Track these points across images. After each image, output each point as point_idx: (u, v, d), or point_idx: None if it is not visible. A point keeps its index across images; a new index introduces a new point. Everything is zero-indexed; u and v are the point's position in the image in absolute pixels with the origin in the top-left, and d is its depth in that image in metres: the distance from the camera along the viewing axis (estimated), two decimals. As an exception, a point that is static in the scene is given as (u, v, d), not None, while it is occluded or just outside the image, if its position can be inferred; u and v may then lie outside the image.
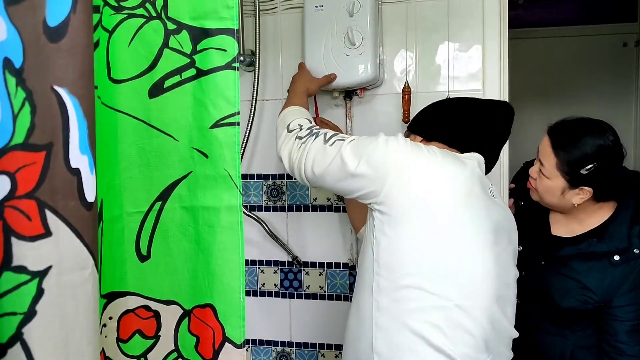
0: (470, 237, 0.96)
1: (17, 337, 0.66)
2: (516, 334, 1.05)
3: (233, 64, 0.88)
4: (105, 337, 0.96)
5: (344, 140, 1.03)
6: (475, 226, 0.97)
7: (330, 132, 1.08)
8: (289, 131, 1.13)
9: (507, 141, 1.17)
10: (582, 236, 1.22)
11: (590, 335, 1.22)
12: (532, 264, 1.27)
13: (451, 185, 0.97)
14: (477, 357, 0.95)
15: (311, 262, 1.61)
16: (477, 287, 0.96)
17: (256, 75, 1.46)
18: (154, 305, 0.99)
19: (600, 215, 1.22)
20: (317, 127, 1.13)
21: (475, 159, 1.04)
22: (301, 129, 1.11)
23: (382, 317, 0.96)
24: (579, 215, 1.23)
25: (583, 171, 1.14)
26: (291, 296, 1.65)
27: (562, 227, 1.27)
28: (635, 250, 1.17)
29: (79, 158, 0.69)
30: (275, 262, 1.64)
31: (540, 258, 1.27)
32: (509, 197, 1.43)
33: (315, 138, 1.06)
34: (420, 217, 0.95)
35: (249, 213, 1.58)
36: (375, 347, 0.96)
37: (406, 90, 1.42)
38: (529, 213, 1.32)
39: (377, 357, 0.96)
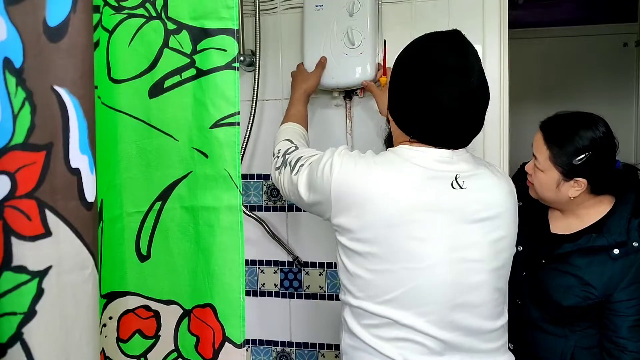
0: (416, 257, 0.93)
1: (17, 337, 0.66)
2: (497, 324, 1.02)
3: (233, 64, 0.88)
4: (105, 337, 0.96)
5: (303, 165, 1.06)
6: (424, 239, 0.93)
7: (296, 156, 1.09)
8: (274, 157, 1.19)
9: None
10: (580, 232, 1.23)
11: (592, 335, 1.22)
12: (532, 263, 1.26)
13: (390, 203, 0.93)
14: None
15: (311, 262, 1.61)
16: (427, 306, 0.95)
17: (256, 75, 1.46)
18: (154, 305, 0.99)
19: (598, 210, 1.22)
20: (292, 148, 1.15)
21: (425, 157, 0.96)
22: (278, 157, 1.16)
23: (346, 324, 1.03)
24: (577, 211, 1.24)
25: (575, 161, 1.15)
26: (291, 296, 1.65)
27: (560, 225, 1.27)
28: (634, 243, 1.17)
29: (79, 158, 0.69)
30: (275, 262, 1.64)
31: (540, 257, 1.26)
32: None
33: (285, 168, 1.11)
34: (361, 244, 0.95)
35: (249, 213, 1.58)
36: (343, 346, 1.06)
37: None
38: (527, 213, 1.32)
39: (345, 356, 1.05)
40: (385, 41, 1.41)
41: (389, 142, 1.11)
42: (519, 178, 1.38)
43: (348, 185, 0.96)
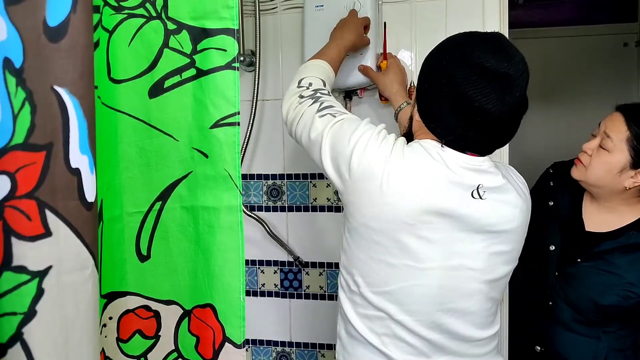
0: (418, 257, 0.92)
1: (17, 337, 0.66)
2: (487, 334, 1.01)
3: (233, 64, 0.88)
4: (105, 337, 0.96)
5: (334, 117, 0.98)
6: (431, 242, 0.92)
7: (328, 102, 1.02)
8: (299, 86, 1.08)
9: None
10: (621, 230, 1.21)
11: (623, 337, 1.21)
12: (566, 263, 1.25)
13: (409, 202, 0.91)
14: None
15: (311, 262, 1.61)
16: (416, 306, 0.95)
17: (256, 75, 1.46)
18: (154, 305, 0.99)
19: (638, 208, 1.21)
20: (325, 91, 1.07)
21: (453, 160, 0.93)
22: (308, 89, 1.06)
23: (342, 309, 1.03)
24: (618, 207, 1.22)
25: None
26: (291, 296, 1.64)
27: (596, 223, 1.25)
28: None
29: (79, 158, 0.69)
30: (276, 262, 1.64)
31: (576, 256, 1.24)
32: None
33: (313, 103, 1.02)
34: (369, 231, 0.94)
35: (249, 213, 1.58)
36: (338, 331, 1.06)
37: (411, 90, 1.42)
38: (559, 212, 1.30)
39: (339, 340, 1.06)
40: (385, 23, 1.40)
41: (409, 140, 1.05)
42: (549, 178, 1.36)
43: (375, 173, 0.91)
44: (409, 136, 1.04)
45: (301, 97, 1.05)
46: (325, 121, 0.98)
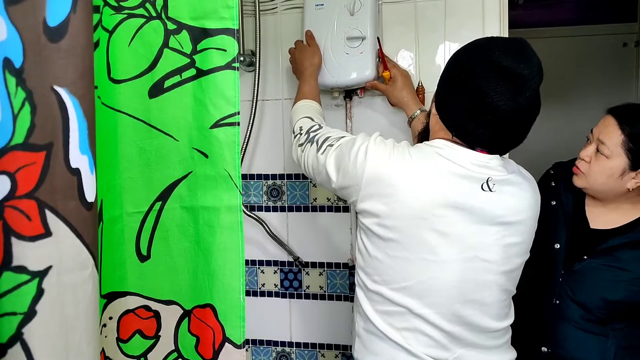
0: (434, 250, 0.94)
1: (17, 337, 0.66)
2: (502, 325, 1.03)
3: (233, 64, 0.88)
4: (105, 337, 0.96)
5: (332, 145, 1.05)
6: (445, 235, 0.94)
7: (323, 136, 1.09)
8: (294, 136, 1.16)
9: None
10: (631, 224, 1.21)
11: (629, 335, 1.20)
12: (572, 261, 1.25)
13: (419, 196, 0.93)
14: (438, 354, 0.99)
15: (311, 262, 1.61)
16: (436, 299, 0.96)
17: (256, 75, 1.46)
18: (154, 305, 0.99)
19: None
20: (316, 126, 1.13)
21: (461, 156, 0.96)
22: (301, 134, 1.14)
23: (361, 307, 1.04)
24: (622, 205, 1.22)
25: None
26: (291, 296, 1.64)
27: (601, 220, 1.25)
28: None
29: (79, 158, 0.69)
30: (275, 262, 1.64)
31: (583, 253, 1.24)
32: None
33: (311, 146, 1.09)
34: (384, 230, 0.96)
35: (249, 213, 1.58)
36: (357, 330, 1.07)
37: (420, 90, 1.42)
38: (563, 211, 1.30)
39: (358, 338, 1.07)
40: (378, 38, 1.41)
41: (423, 137, 1.09)
42: (550, 179, 1.36)
43: (381, 174, 0.96)
44: (426, 133, 1.08)
45: (300, 145, 1.13)
46: (326, 154, 1.05)
